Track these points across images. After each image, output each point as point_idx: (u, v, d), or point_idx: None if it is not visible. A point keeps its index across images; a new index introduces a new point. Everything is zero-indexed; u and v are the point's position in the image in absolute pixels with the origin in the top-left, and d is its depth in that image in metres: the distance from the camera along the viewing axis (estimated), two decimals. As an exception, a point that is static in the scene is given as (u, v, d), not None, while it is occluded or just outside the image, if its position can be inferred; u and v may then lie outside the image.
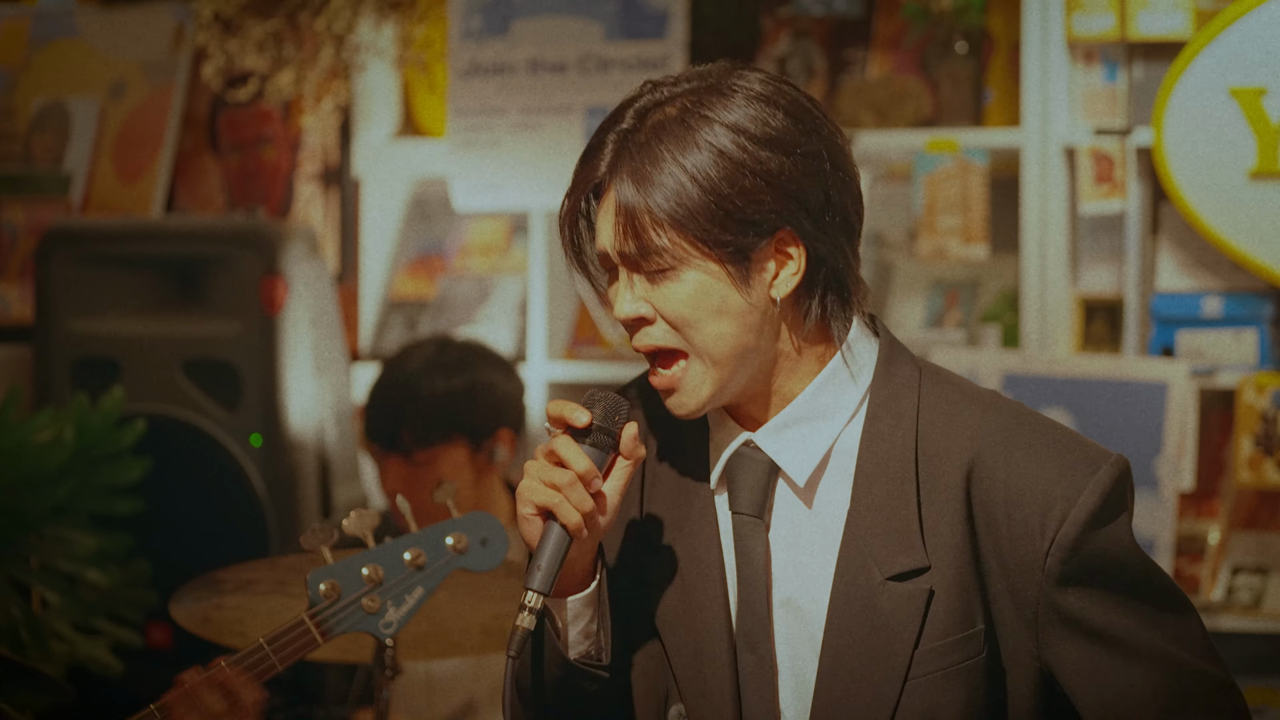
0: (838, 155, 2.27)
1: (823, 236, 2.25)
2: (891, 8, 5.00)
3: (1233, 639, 4.54)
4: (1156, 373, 4.52)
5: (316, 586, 2.83)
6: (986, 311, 4.89)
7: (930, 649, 2.22)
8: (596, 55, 5.01)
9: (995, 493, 2.23)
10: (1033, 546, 2.22)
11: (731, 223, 2.21)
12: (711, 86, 2.26)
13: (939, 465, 2.25)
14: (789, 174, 2.22)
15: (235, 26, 5.18)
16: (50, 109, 5.59)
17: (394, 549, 2.86)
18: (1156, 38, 4.59)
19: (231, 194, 5.52)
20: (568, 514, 2.23)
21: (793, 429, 2.28)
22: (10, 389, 4.31)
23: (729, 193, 2.20)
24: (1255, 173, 4.46)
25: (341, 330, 4.97)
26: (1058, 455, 2.25)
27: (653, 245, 2.22)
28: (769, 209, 2.21)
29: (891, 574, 2.23)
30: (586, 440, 2.26)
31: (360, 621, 2.83)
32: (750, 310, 2.24)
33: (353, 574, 2.84)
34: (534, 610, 2.22)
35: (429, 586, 2.85)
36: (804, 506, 2.29)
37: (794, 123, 2.24)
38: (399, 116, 5.39)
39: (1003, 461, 2.24)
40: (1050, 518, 2.21)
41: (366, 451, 4.12)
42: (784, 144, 2.22)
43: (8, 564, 4.14)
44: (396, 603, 2.84)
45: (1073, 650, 2.23)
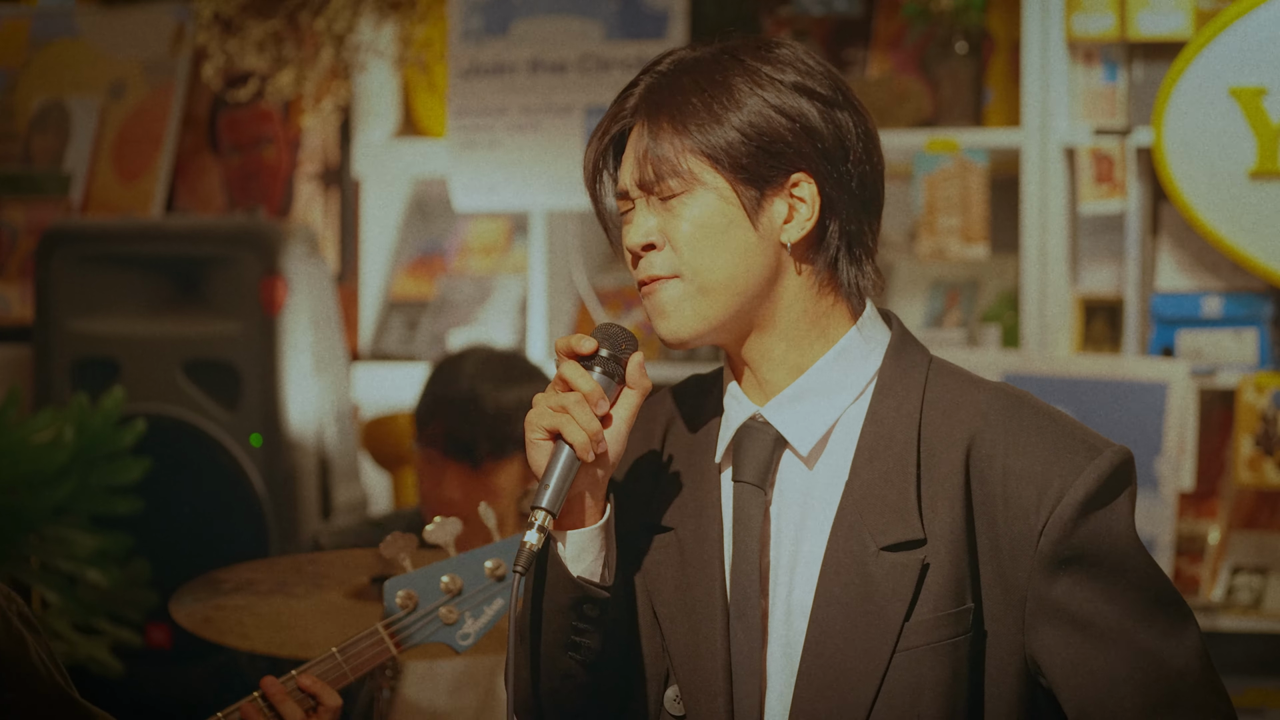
0: (864, 128, 2.33)
1: (839, 191, 2.29)
2: (891, 8, 5.00)
3: (1233, 639, 4.54)
4: (1156, 373, 4.52)
5: (393, 595, 2.78)
6: (986, 311, 4.89)
7: (920, 622, 2.23)
8: (596, 55, 5.01)
9: (994, 470, 2.24)
10: (1027, 525, 2.22)
11: (751, 148, 2.24)
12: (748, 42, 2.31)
13: (940, 443, 2.26)
14: (814, 119, 2.27)
15: (235, 26, 5.18)
16: (50, 109, 5.59)
17: (474, 558, 2.80)
18: (1156, 38, 4.59)
19: (231, 194, 5.52)
20: (574, 433, 2.24)
21: (801, 402, 2.30)
22: (10, 389, 4.31)
23: (753, 119, 2.24)
24: (1255, 173, 4.47)
25: (341, 330, 4.98)
26: (1059, 439, 2.25)
27: (671, 166, 2.25)
28: (790, 145, 2.25)
29: (886, 544, 2.24)
30: (593, 366, 2.28)
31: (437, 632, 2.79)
32: (755, 246, 2.27)
33: (431, 583, 2.79)
34: (542, 528, 2.23)
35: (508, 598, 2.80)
36: (806, 478, 2.31)
37: (824, 81, 2.29)
38: (399, 116, 5.39)
39: (1003, 441, 2.25)
40: (1046, 497, 2.21)
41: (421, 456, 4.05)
42: (813, 94, 2.27)
43: (8, 564, 4.15)
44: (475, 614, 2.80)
45: (1058, 640, 2.23)
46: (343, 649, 2.79)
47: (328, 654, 2.78)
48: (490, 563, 2.80)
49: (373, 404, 5.26)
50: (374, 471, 5.23)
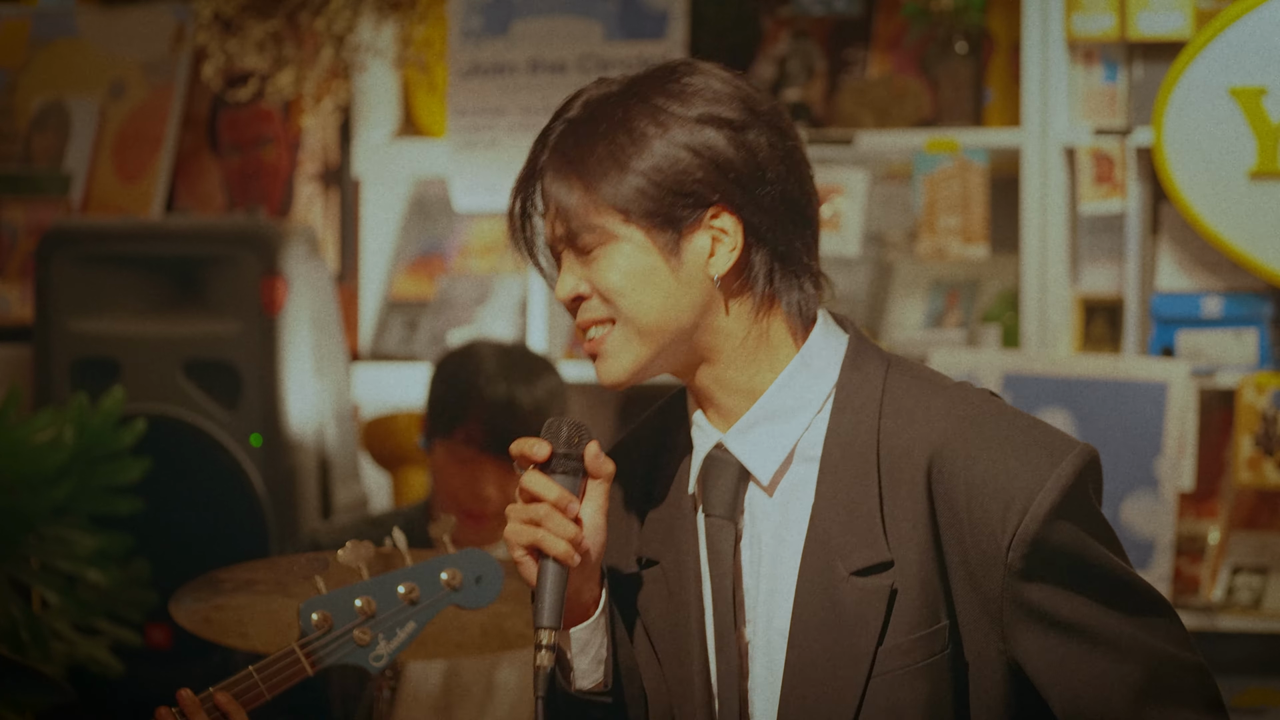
0: (780, 142, 2.26)
1: (762, 216, 2.25)
2: (891, 8, 5.00)
3: (1233, 639, 4.54)
4: (1156, 373, 4.52)
5: (309, 616, 2.83)
6: (986, 311, 4.89)
7: (894, 645, 2.22)
8: (596, 55, 5.01)
9: (956, 486, 2.22)
10: (994, 542, 2.20)
11: (658, 192, 2.22)
12: (655, 75, 2.29)
13: (900, 459, 2.24)
14: (723, 150, 2.23)
15: (235, 26, 5.18)
16: (50, 109, 5.59)
17: (388, 582, 2.86)
18: (1156, 38, 4.59)
19: (231, 194, 5.52)
20: (553, 544, 2.23)
21: (759, 428, 2.28)
22: (10, 389, 4.31)
23: (658, 163, 2.23)
24: (1255, 173, 4.47)
25: (341, 330, 4.98)
26: (1019, 447, 2.22)
27: (582, 221, 2.24)
28: (699, 180, 2.23)
29: (854, 569, 2.22)
30: (554, 470, 2.26)
31: (351, 654, 2.84)
32: (681, 284, 2.25)
33: (345, 605, 2.84)
34: (550, 647, 2.23)
35: (421, 621, 2.86)
36: (773, 505, 2.29)
37: (732, 105, 2.25)
38: (399, 116, 5.39)
39: (963, 455, 2.22)
40: (1011, 512, 2.19)
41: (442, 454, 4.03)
42: (720, 122, 2.24)
43: (8, 564, 4.15)
44: (388, 636, 2.85)
45: (1039, 643, 2.22)
46: (259, 668, 2.84)
47: (245, 673, 2.82)
48: (403, 587, 2.86)
49: (373, 404, 5.26)
50: (374, 471, 5.23)
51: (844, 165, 4.91)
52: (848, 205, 4.88)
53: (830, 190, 4.90)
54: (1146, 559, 4.46)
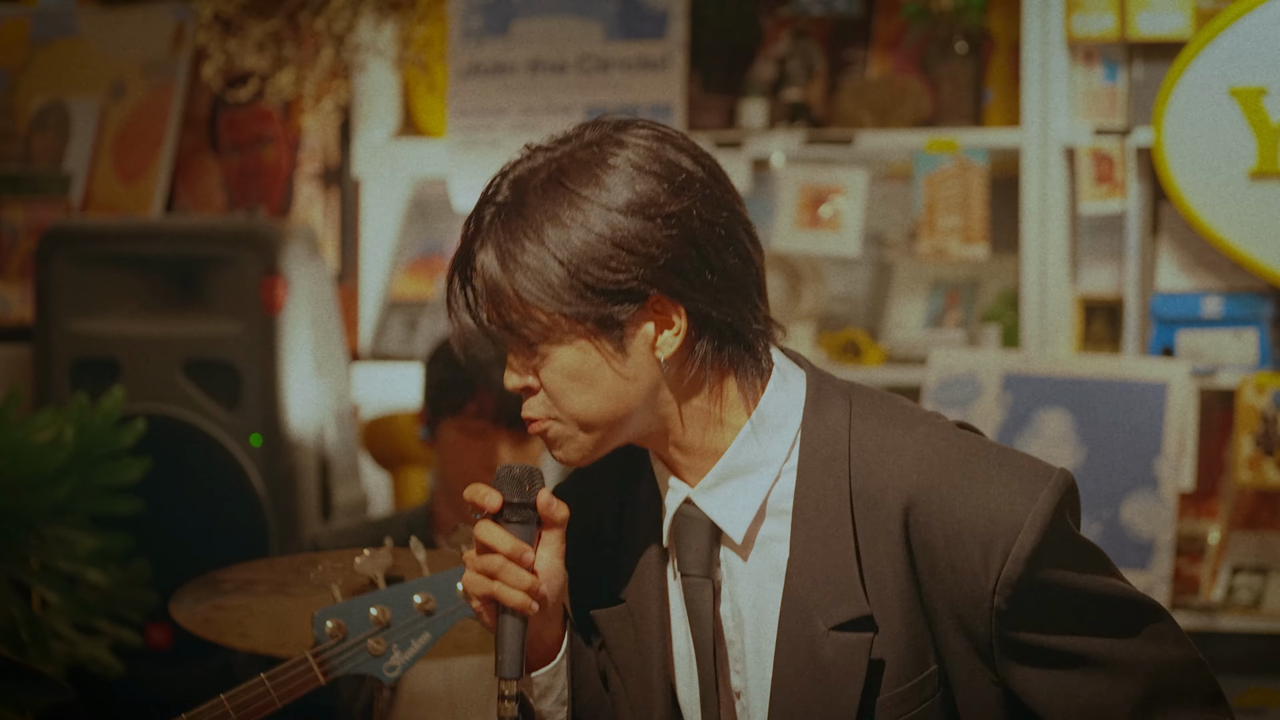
0: (714, 213, 2.20)
1: (702, 296, 2.19)
2: (891, 8, 5.00)
3: (1233, 639, 4.54)
4: (1156, 373, 4.52)
5: (323, 625, 2.81)
6: (986, 311, 4.89)
7: (886, 697, 2.20)
8: (596, 55, 5.01)
9: (934, 534, 2.19)
10: (978, 586, 2.18)
11: (594, 295, 2.17)
12: (578, 151, 2.22)
13: (875, 509, 2.21)
14: (651, 239, 2.17)
15: (235, 26, 5.18)
16: (50, 109, 5.59)
17: (404, 591, 2.84)
18: (1156, 38, 4.59)
19: (231, 194, 5.52)
20: (509, 595, 2.22)
21: (725, 485, 2.25)
22: (10, 389, 4.31)
23: (588, 266, 2.16)
24: (1255, 173, 4.47)
25: (341, 330, 4.98)
26: (994, 485, 2.19)
27: (519, 322, 2.19)
28: (633, 277, 2.17)
29: (834, 624, 2.20)
30: (508, 520, 2.25)
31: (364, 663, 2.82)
32: (628, 377, 2.20)
33: (360, 615, 2.82)
34: (512, 697, 2.21)
35: (436, 633, 2.84)
36: (749, 561, 2.27)
37: (656, 181, 2.19)
38: (399, 116, 5.39)
39: (938, 501, 2.19)
40: (992, 556, 2.17)
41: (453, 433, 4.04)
42: (643, 206, 2.17)
43: (8, 564, 4.15)
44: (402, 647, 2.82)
45: (1034, 674, 2.21)
46: (271, 676, 2.82)
47: (256, 680, 2.81)
48: (419, 597, 2.84)
49: (373, 404, 5.26)
50: (374, 471, 5.23)
51: (844, 165, 4.91)
52: (848, 205, 4.88)
53: (830, 190, 4.90)
54: (1146, 559, 4.46)
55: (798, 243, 4.90)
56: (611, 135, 2.22)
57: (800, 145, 4.88)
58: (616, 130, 2.23)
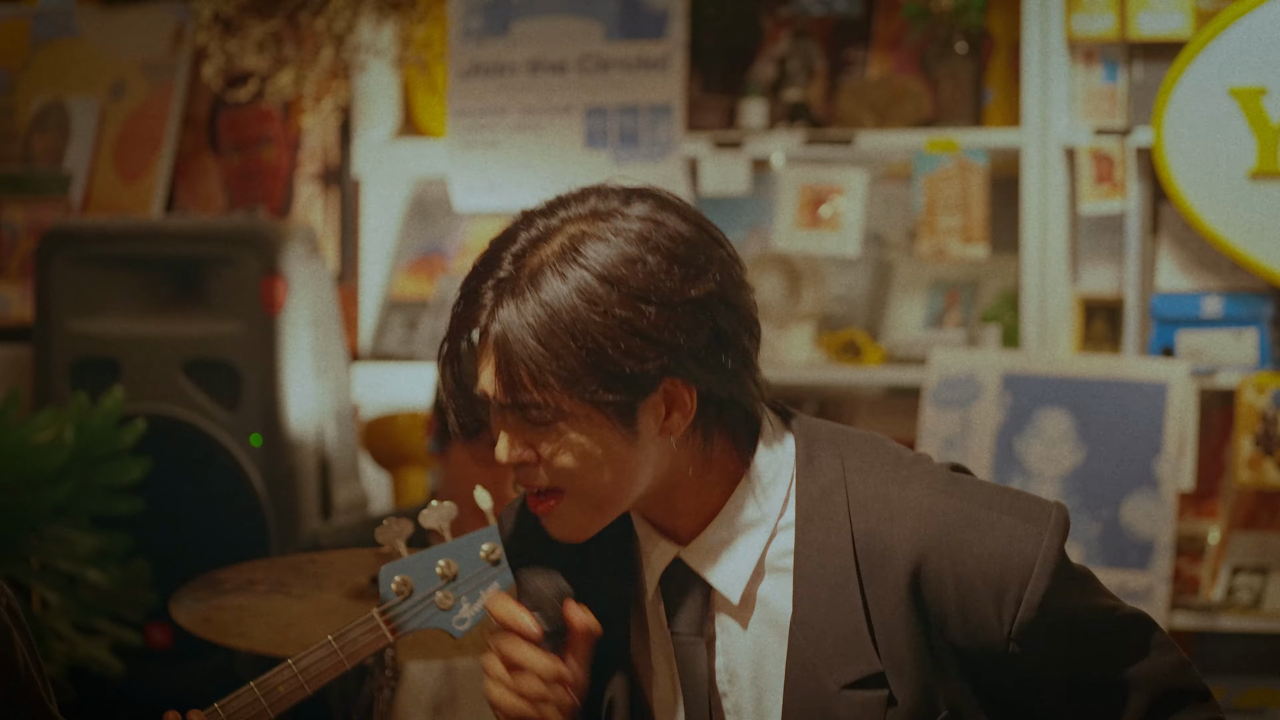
0: (729, 287, 2.18)
1: (714, 377, 2.17)
2: (891, 8, 5.00)
3: (1233, 639, 4.54)
4: (1156, 373, 4.52)
5: (389, 581, 2.78)
6: (986, 311, 4.89)
7: None
8: (596, 55, 5.01)
9: (945, 588, 2.18)
10: (992, 633, 2.19)
11: (614, 382, 2.13)
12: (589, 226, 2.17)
13: (882, 568, 2.19)
14: (673, 325, 2.14)
15: (235, 26, 5.18)
16: (50, 109, 5.59)
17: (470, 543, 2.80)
18: (1156, 38, 4.59)
19: (231, 194, 5.52)
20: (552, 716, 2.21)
21: (720, 547, 2.23)
22: (10, 389, 4.31)
23: (610, 354, 2.12)
24: (1255, 173, 4.47)
25: (341, 330, 4.98)
26: (999, 535, 2.19)
27: (533, 401, 2.15)
28: (652, 364, 2.14)
29: (846, 682, 2.18)
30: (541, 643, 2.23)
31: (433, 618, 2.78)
32: (637, 453, 2.18)
33: (426, 568, 2.78)
34: None
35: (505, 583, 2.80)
36: (745, 620, 2.25)
37: (678, 265, 2.15)
38: (399, 116, 5.39)
39: (947, 556, 2.18)
40: (1006, 603, 2.18)
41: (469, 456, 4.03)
42: (667, 293, 2.13)
43: (8, 564, 4.15)
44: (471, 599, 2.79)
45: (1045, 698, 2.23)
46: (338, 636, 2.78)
47: (324, 642, 2.78)
48: (486, 546, 2.80)
49: (373, 404, 5.26)
50: (374, 471, 5.23)
51: (844, 165, 4.91)
52: (848, 205, 4.88)
53: (830, 190, 4.91)
54: (1146, 559, 4.46)
55: (798, 243, 4.90)
56: (623, 210, 2.18)
57: (800, 145, 4.88)
58: (627, 204, 2.19)
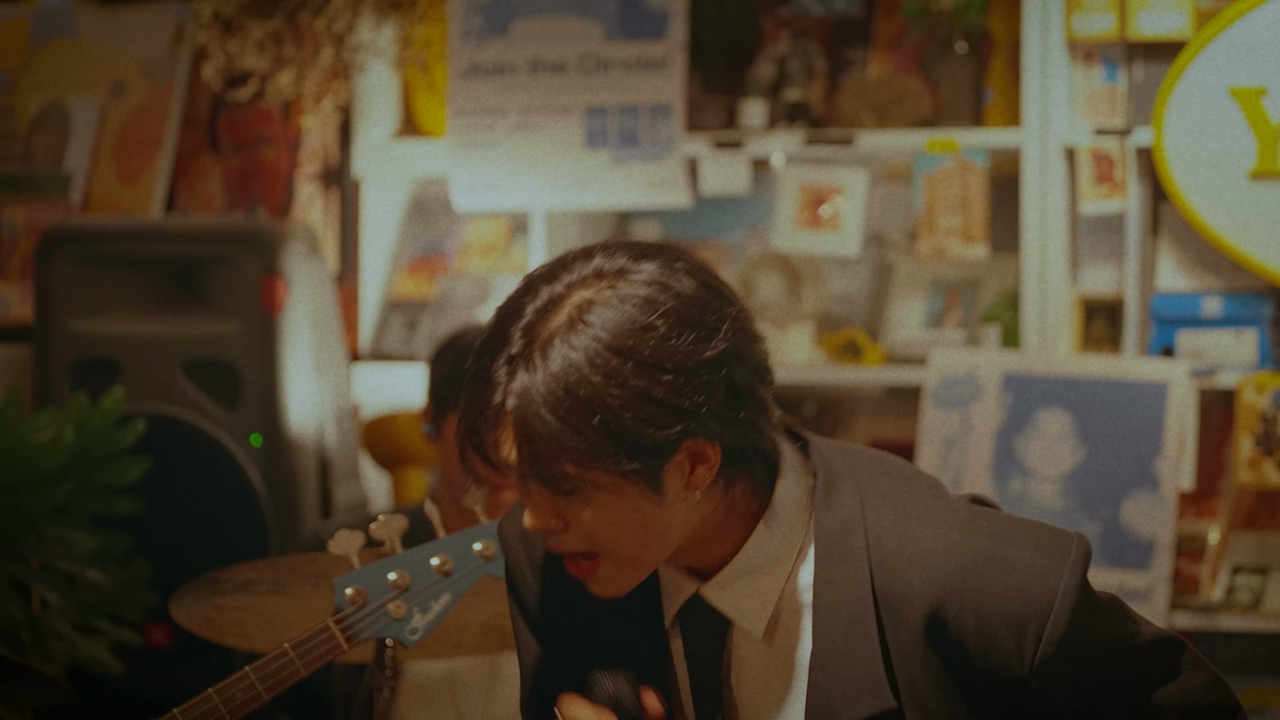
0: (741, 342, 2.17)
1: (734, 430, 2.17)
2: (891, 8, 5.00)
3: (1233, 639, 4.54)
4: (1156, 373, 4.52)
5: (343, 591, 2.82)
6: (986, 311, 4.89)
7: None
8: (596, 55, 5.01)
9: (965, 628, 2.18)
10: (1012, 669, 2.18)
11: (635, 450, 2.12)
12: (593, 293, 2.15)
13: (900, 609, 2.19)
14: (688, 390, 2.13)
15: (235, 26, 5.18)
16: (50, 109, 5.59)
17: (421, 554, 2.85)
18: (1156, 38, 4.59)
19: (231, 194, 5.52)
20: None
21: (739, 582, 2.23)
22: (10, 389, 4.31)
23: (629, 425, 2.11)
24: (1255, 173, 4.47)
25: (341, 330, 4.97)
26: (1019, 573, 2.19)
27: (557, 474, 2.14)
28: (673, 429, 2.13)
29: (859, 718, 2.18)
30: None
31: (386, 627, 2.83)
32: (665, 512, 2.18)
33: (379, 579, 2.83)
34: None
35: (455, 593, 2.84)
36: (764, 655, 2.26)
37: (690, 327, 2.14)
38: (399, 116, 5.39)
39: (967, 597, 2.18)
40: (1026, 641, 2.17)
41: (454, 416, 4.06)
42: (677, 358, 2.12)
43: (8, 564, 4.15)
44: (423, 609, 2.84)
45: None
46: (295, 645, 2.82)
47: (280, 650, 2.81)
48: (436, 559, 2.85)
49: (373, 404, 5.26)
50: (374, 471, 5.23)
51: (844, 165, 4.92)
52: (848, 205, 4.88)
53: (830, 190, 4.91)
54: (1146, 559, 4.46)
55: (798, 243, 4.90)
56: (630, 271, 2.16)
57: (800, 145, 4.88)
58: (636, 263, 2.17)
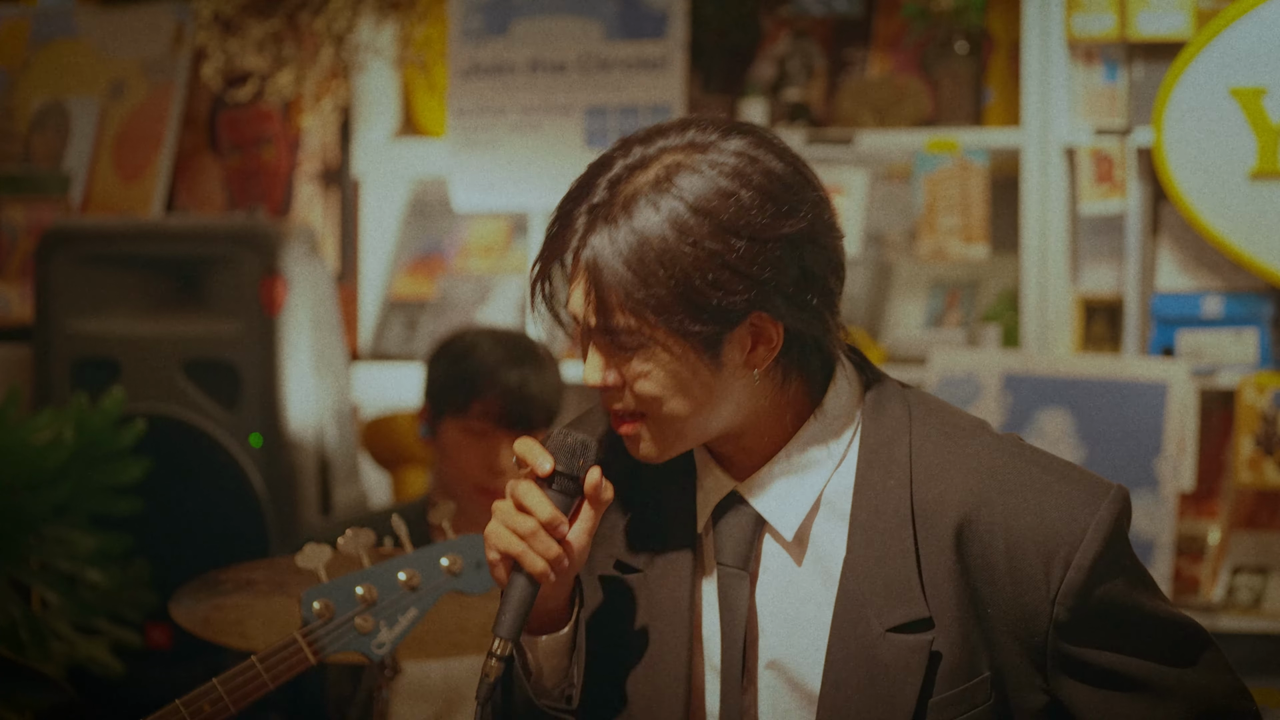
0: (819, 228, 2.21)
1: (800, 314, 2.20)
2: (891, 8, 5.00)
3: (1233, 639, 4.54)
4: (1156, 373, 4.52)
5: (310, 605, 2.84)
6: (986, 311, 4.89)
7: (937, 700, 2.20)
8: (596, 55, 5.01)
9: (995, 545, 2.20)
10: (1037, 595, 2.20)
11: (702, 313, 2.16)
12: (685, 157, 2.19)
13: (935, 517, 2.22)
14: (763, 260, 2.17)
15: (235, 26, 5.18)
16: (50, 109, 5.59)
17: (389, 569, 2.87)
18: (1156, 38, 4.59)
19: (231, 194, 5.52)
20: (532, 562, 2.21)
21: (778, 481, 2.26)
22: (10, 389, 4.31)
23: (700, 285, 2.15)
24: (1255, 173, 4.47)
25: (341, 330, 4.98)
26: (1055, 497, 2.21)
27: (622, 326, 2.19)
28: (741, 298, 2.17)
29: (891, 625, 2.20)
30: (552, 486, 2.24)
31: (353, 641, 2.84)
32: (720, 384, 2.20)
33: (346, 593, 2.84)
34: (501, 657, 2.22)
35: (422, 608, 2.86)
36: (792, 558, 2.27)
37: (771, 201, 2.18)
38: (399, 116, 5.39)
39: (1001, 510, 2.20)
40: (1055, 565, 2.19)
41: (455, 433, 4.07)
42: (759, 228, 2.16)
43: (8, 564, 4.15)
44: (390, 623, 2.85)
45: (1084, 690, 2.23)
46: (262, 658, 2.84)
47: (247, 663, 2.83)
48: (403, 574, 2.86)
49: (373, 404, 5.26)
50: (374, 471, 5.23)
51: (844, 165, 4.91)
52: (848, 205, 4.88)
53: (830, 190, 4.90)
54: (1146, 559, 4.46)
55: (798, 243, 4.90)
56: (719, 143, 2.20)
57: (800, 145, 4.88)
58: (725, 138, 2.20)
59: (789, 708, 2.26)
